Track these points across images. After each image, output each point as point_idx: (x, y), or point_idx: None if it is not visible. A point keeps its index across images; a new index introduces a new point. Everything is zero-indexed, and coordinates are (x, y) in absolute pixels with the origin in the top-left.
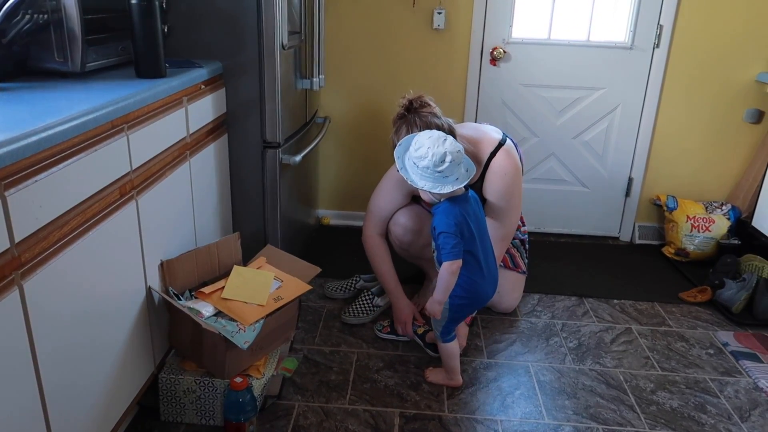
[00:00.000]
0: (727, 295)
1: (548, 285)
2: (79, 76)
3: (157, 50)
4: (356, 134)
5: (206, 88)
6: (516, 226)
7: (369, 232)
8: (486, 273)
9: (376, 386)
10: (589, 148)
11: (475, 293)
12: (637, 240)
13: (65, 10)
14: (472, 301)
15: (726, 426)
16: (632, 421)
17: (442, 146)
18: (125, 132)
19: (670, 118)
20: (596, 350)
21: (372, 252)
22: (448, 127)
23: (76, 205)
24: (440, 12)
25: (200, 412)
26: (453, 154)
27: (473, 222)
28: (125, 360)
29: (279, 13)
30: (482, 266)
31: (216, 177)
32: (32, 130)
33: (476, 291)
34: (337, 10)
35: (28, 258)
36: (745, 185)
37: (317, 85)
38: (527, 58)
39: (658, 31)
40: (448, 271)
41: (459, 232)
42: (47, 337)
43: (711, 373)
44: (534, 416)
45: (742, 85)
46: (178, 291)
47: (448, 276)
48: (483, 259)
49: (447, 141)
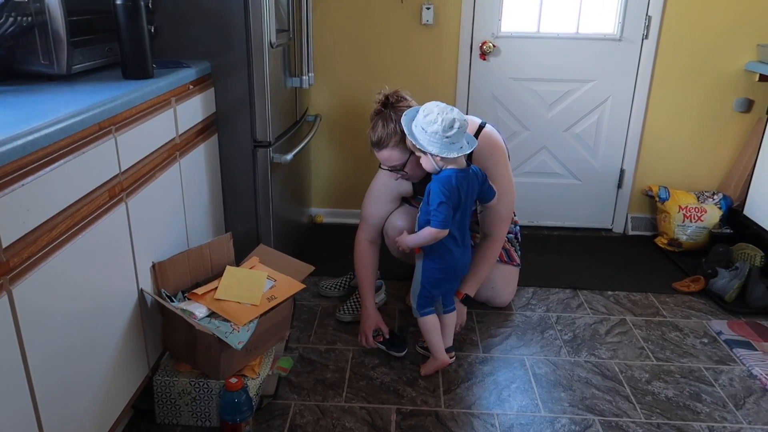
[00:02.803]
0: (720, 284)
1: (542, 278)
2: (65, 78)
3: (144, 51)
4: (347, 131)
5: (195, 88)
6: (512, 210)
7: (360, 238)
8: (460, 243)
9: (372, 383)
10: (580, 141)
11: (449, 261)
12: (630, 231)
13: (49, 12)
14: (445, 270)
15: (721, 414)
16: (628, 411)
17: (450, 113)
18: (113, 134)
19: (660, 109)
20: (591, 342)
21: (358, 257)
22: None
23: (64, 209)
24: (429, 7)
25: (196, 413)
26: (460, 120)
27: (464, 195)
28: (119, 363)
29: (266, 11)
30: (457, 238)
31: (207, 177)
32: (18, 133)
33: (450, 259)
34: (325, 6)
35: (17, 263)
36: (736, 174)
37: (307, 83)
38: (517, 51)
39: (646, 23)
40: (431, 234)
41: (454, 202)
42: (38, 343)
43: (705, 362)
44: (530, 409)
45: (731, 75)
46: (170, 293)
47: (428, 237)
48: (459, 233)
49: (455, 109)
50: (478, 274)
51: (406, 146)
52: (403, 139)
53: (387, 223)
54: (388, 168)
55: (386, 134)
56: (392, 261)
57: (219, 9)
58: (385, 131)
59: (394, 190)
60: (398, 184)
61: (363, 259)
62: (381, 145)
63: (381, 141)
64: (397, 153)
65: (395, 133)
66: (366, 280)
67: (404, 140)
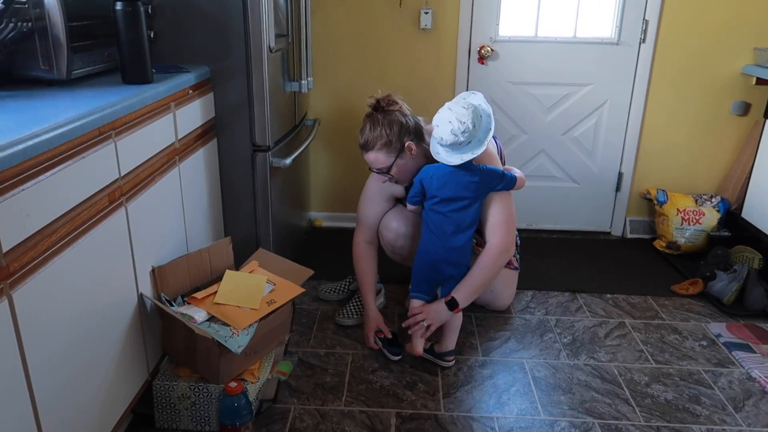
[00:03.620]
0: (719, 287)
1: (541, 281)
2: (65, 83)
3: (144, 56)
4: (346, 136)
5: (194, 93)
6: (507, 217)
7: (357, 240)
8: (438, 236)
9: (371, 387)
10: (578, 144)
11: (424, 250)
12: (628, 234)
13: (49, 17)
14: (423, 258)
15: (720, 417)
16: (627, 414)
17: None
18: (113, 138)
19: (658, 112)
20: (590, 345)
21: (356, 259)
22: (414, 125)
23: (64, 213)
24: (427, 12)
25: (195, 418)
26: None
27: (452, 192)
28: (118, 367)
29: (265, 16)
30: (433, 231)
31: (206, 182)
32: (18, 138)
33: (424, 248)
34: (324, 11)
35: (17, 267)
36: (734, 177)
37: (306, 87)
38: (515, 55)
39: (643, 26)
40: (408, 208)
41: (426, 191)
42: (38, 347)
43: (704, 364)
44: (530, 412)
45: (729, 78)
46: (170, 297)
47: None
48: (436, 227)
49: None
50: (467, 280)
51: (391, 150)
52: (389, 143)
53: (381, 223)
54: (376, 170)
55: (373, 137)
56: (390, 264)
57: (218, 14)
58: (372, 134)
59: (386, 191)
60: (389, 185)
61: (362, 260)
62: (367, 147)
63: (367, 143)
64: (383, 156)
65: (381, 137)
66: (366, 281)
67: (390, 144)
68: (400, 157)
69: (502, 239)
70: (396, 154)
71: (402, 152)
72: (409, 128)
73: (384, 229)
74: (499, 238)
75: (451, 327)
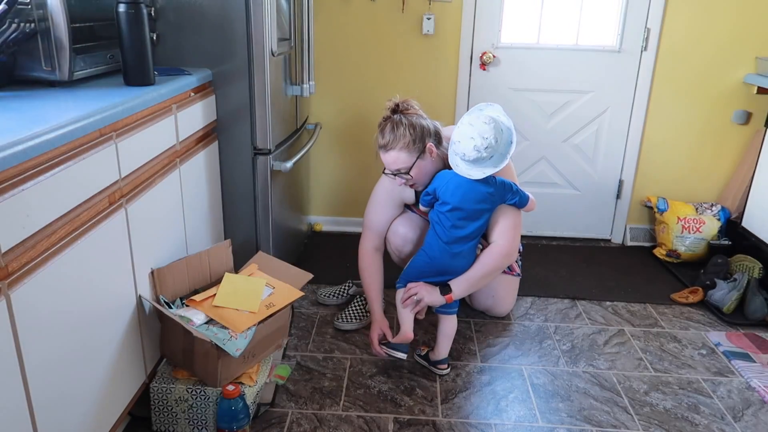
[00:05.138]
0: (719, 296)
1: (541, 288)
2: (67, 84)
3: (146, 58)
4: (347, 140)
5: (196, 95)
6: (521, 224)
7: (365, 246)
8: (445, 241)
9: (369, 392)
10: (579, 151)
11: (429, 254)
12: (628, 242)
13: (52, 18)
14: (426, 262)
15: (719, 426)
16: (626, 422)
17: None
18: (114, 140)
19: (659, 120)
20: (589, 352)
21: (363, 266)
22: (434, 129)
23: (64, 214)
24: (429, 17)
25: (192, 421)
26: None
27: (466, 201)
28: (116, 369)
29: (268, 19)
30: (441, 236)
31: (207, 184)
32: (19, 138)
33: (429, 252)
34: (327, 16)
35: (15, 268)
36: (735, 186)
37: (307, 91)
38: (516, 62)
39: (645, 35)
40: (420, 208)
41: (439, 196)
42: (35, 347)
43: (704, 373)
44: (528, 419)
45: (730, 87)
46: (169, 299)
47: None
48: (448, 233)
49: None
50: (469, 275)
51: (413, 150)
52: (412, 143)
53: (389, 229)
54: (392, 172)
55: (395, 137)
56: (392, 269)
57: (221, 17)
58: (394, 134)
59: (397, 196)
60: (401, 190)
61: (369, 268)
62: (388, 147)
63: (388, 143)
64: (404, 156)
65: (404, 136)
66: (372, 288)
67: (413, 144)
68: (421, 158)
69: (508, 243)
70: (417, 155)
71: (423, 153)
72: (430, 130)
73: (392, 235)
74: (505, 240)
75: (445, 333)
